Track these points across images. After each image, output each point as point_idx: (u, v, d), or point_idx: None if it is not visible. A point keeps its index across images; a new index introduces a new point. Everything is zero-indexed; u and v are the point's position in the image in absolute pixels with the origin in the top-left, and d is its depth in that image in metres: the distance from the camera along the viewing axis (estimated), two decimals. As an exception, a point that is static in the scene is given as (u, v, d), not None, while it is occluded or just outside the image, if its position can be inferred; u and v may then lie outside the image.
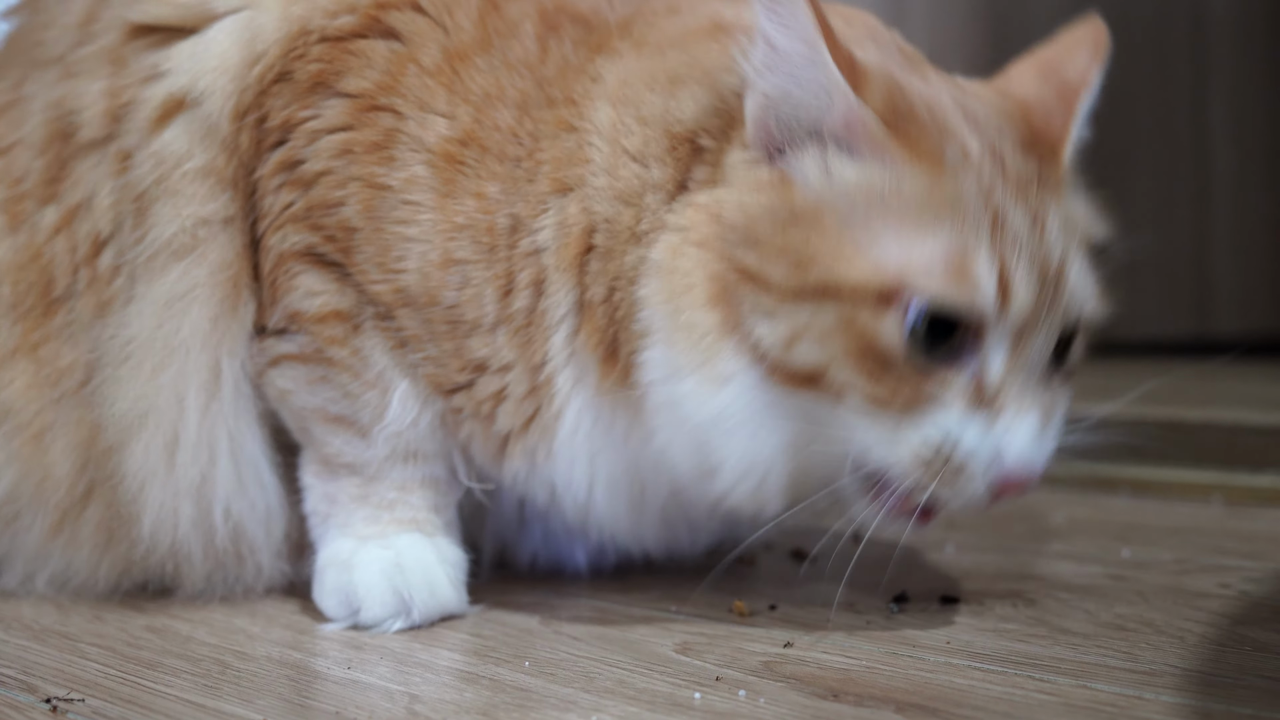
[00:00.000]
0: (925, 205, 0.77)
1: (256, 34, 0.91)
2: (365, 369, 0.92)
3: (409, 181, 0.88)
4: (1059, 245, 0.80)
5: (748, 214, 0.80)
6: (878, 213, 0.77)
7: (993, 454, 0.78)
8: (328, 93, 0.90)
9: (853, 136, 0.79)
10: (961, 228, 0.77)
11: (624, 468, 0.89)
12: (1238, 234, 2.51)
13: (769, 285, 0.78)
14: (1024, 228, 0.79)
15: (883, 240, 0.77)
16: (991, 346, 0.78)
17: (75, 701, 0.77)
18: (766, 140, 0.81)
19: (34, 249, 0.97)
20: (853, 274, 0.76)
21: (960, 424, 0.78)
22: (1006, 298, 0.77)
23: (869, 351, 0.77)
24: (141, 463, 0.92)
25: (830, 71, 0.78)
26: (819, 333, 0.77)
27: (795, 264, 0.78)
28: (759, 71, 0.80)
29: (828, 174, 0.79)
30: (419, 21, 0.90)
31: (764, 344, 0.79)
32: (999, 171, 0.79)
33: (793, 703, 0.73)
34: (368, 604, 0.90)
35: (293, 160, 0.90)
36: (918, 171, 0.78)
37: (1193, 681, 0.75)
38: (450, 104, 0.88)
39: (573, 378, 0.87)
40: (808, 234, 0.78)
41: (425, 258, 0.88)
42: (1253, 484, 1.38)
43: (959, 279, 0.76)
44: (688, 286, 0.80)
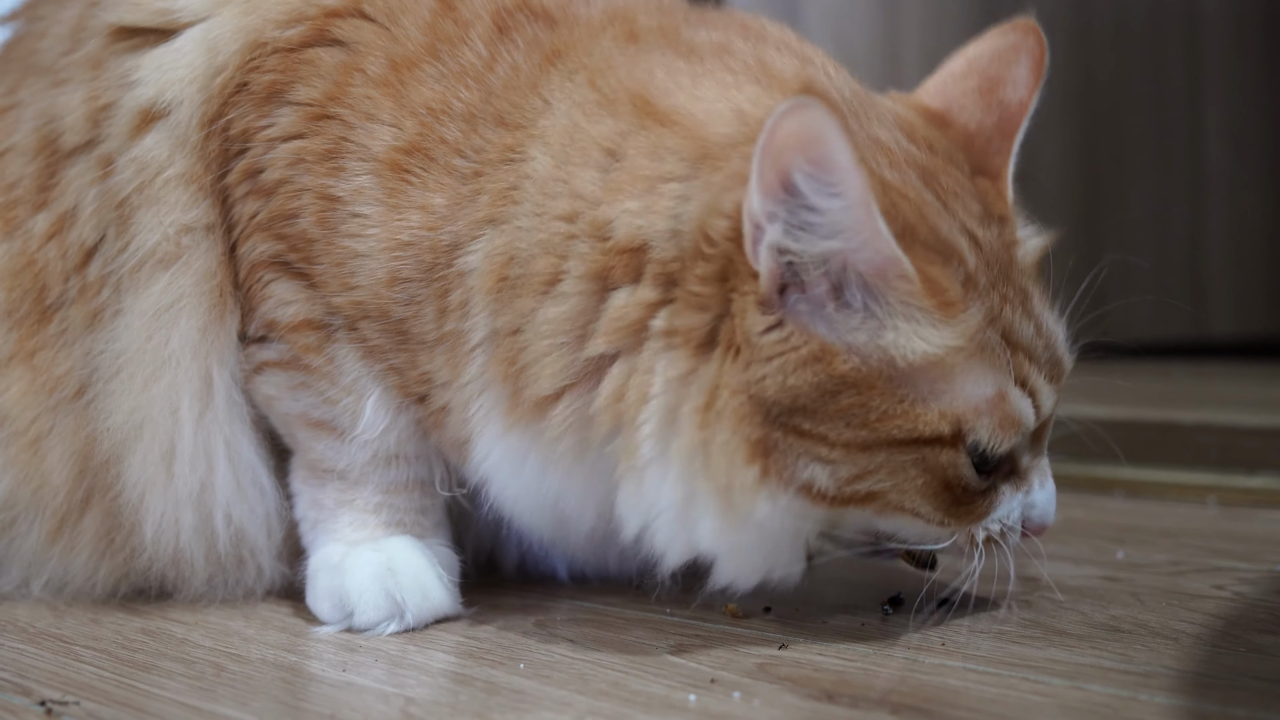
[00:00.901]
0: (960, 352, 0.78)
1: (216, 45, 0.91)
2: (340, 376, 0.92)
3: (356, 193, 0.87)
4: (1049, 327, 0.84)
5: (794, 393, 0.76)
6: (923, 368, 0.78)
7: (1025, 516, 0.86)
8: (280, 102, 0.90)
9: (882, 285, 0.76)
10: (993, 364, 0.80)
11: (541, 498, 0.87)
12: (1232, 236, 2.51)
13: (828, 441, 0.78)
14: (1028, 330, 0.82)
15: (941, 391, 0.79)
16: (1025, 445, 0.84)
17: (70, 704, 0.77)
18: (777, 283, 0.77)
19: (28, 256, 0.97)
20: (925, 427, 0.78)
21: (1011, 503, 0.85)
22: (1039, 412, 0.83)
23: (945, 482, 0.80)
24: (140, 473, 0.92)
25: (873, 222, 0.74)
26: (887, 470, 0.79)
27: (859, 424, 0.77)
28: (772, 215, 0.75)
29: (866, 340, 0.77)
30: (365, 30, 0.90)
31: (819, 484, 0.79)
32: (987, 269, 0.81)
33: (787, 705, 0.73)
34: (361, 608, 0.90)
35: (254, 169, 0.90)
36: (945, 321, 0.78)
37: (1187, 683, 0.75)
38: (396, 115, 0.87)
39: (486, 406, 0.85)
40: (864, 398, 0.77)
41: (374, 275, 0.88)
42: (1247, 485, 1.38)
43: (1006, 425, 0.80)
44: (726, 452, 0.77)
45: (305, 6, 0.91)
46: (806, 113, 0.71)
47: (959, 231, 0.81)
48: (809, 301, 0.77)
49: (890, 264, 0.76)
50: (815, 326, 0.77)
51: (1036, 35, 0.91)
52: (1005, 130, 0.89)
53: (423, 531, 0.95)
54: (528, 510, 0.89)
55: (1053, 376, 0.84)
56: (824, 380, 0.77)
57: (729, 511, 0.78)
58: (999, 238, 0.84)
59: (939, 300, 0.77)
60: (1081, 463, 1.44)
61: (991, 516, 0.84)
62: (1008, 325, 0.81)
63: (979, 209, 0.84)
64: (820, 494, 0.79)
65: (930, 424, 0.78)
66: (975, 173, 0.87)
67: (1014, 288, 0.83)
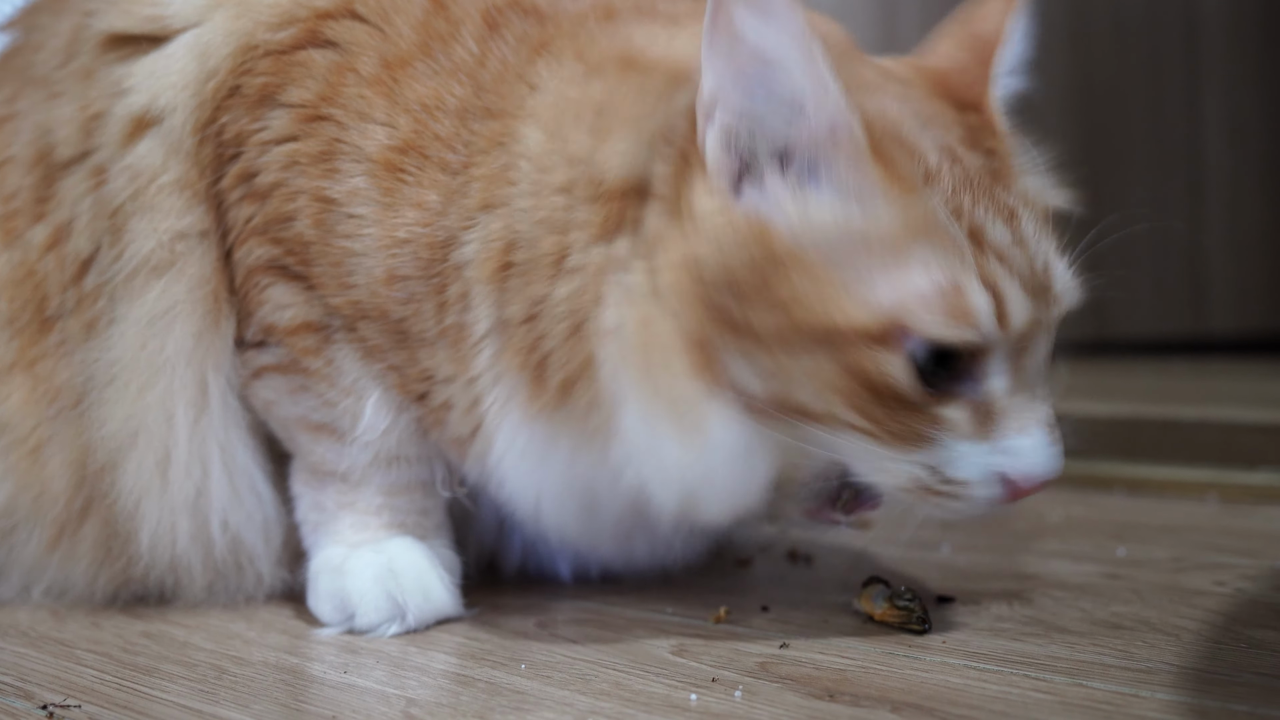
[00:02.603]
0: (907, 234, 0.74)
1: (208, 50, 0.91)
2: (339, 377, 0.92)
3: (351, 194, 0.87)
4: (1036, 244, 0.79)
5: (726, 267, 0.75)
6: (862, 248, 0.74)
7: (999, 470, 0.77)
8: (273, 105, 0.90)
9: (832, 149, 0.75)
10: (948, 254, 0.74)
11: (570, 484, 0.87)
12: (1232, 232, 2.51)
13: (758, 336, 0.75)
14: (1004, 237, 0.77)
15: (872, 278, 0.74)
16: (993, 368, 0.77)
17: (71, 708, 0.77)
18: (729, 173, 0.77)
19: (28, 266, 0.97)
20: (848, 318, 0.74)
21: (960, 448, 0.77)
22: (1005, 322, 0.75)
23: (870, 390, 0.75)
24: (135, 481, 0.92)
25: (820, 70, 0.74)
26: (816, 376, 0.75)
27: (783, 311, 0.75)
28: (723, 89, 0.76)
29: (805, 213, 0.75)
30: (357, 30, 0.90)
31: (754, 391, 0.77)
32: (962, 178, 0.77)
33: (789, 703, 0.73)
34: (362, 609, 0.90)
35: (248, 172, 0.90)
36: (893, 196, 0.75)
37: (1189, 679, 0.75)
38: (390, 113, 0.87)
39: (501, 397, 0.85)
40: (793, 278, 0.74)
41: (371, 274, 0.88)
42: (1248, 482, 1.38)
43: (957, 315, 0.74)
44: (666, 359, 0.77)
45: (296, 8, 0.91)
46: None
47: (935, 147, 0.78)
48: (758, 187, 0.77)
49: (839, 118, 0.74)
50: (758, 205, 0.76)
51: None
52: (982, 60, 0.86)
53: (424, 533, 0.95)
54: (553, 503, 0.88)
55: (1036, 296, 0.77)
56: (759, 257, 0.75)
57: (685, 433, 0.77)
58: (984, 161, 0.80)
59: (888, 172, 0.75)
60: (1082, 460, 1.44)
61: (938, 450, 0.77)
62: (977, 225, 0.76)
63: (962, 134, 0.81)
64: (760, 405, 0.76)
65: (853, 315, 0.73)
66: (961, 108, 0.84)
67: (996, 203, 0.78)
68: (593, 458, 0.83)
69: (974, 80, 0.85)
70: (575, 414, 0.82)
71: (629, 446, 0.80)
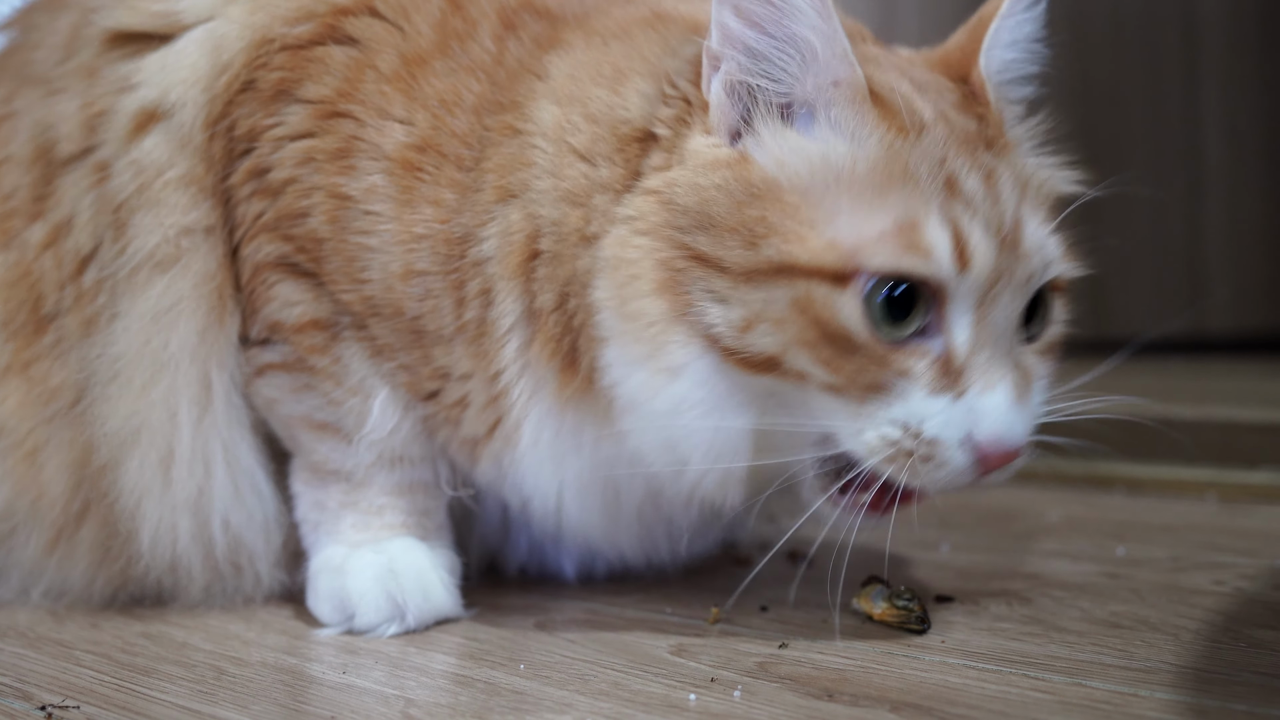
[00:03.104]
0: (882, 175, 0.76)
1: (221, 44, 0.91)
2: (346, 376, 0.91)
3: (369, 191, 0.88)
4: (1012, 203, 0.79)
5: (701, 194, 0.78)
6: (836, 186, 0.76)
7: (965, 430, 0.76)
8: (289, 100, 0.90)
9: (834, 91, 0.78)
10: (913, 196, 0.75)
11: (594, 473, 0.88)
12: (1231, 232, 2.51)
13: (722, 267, 0.76)
14: (977, 189, 0.77)
15: (838, 216, 0.75)
16: (955, 317, 0.76)
17: (70, 709, 0.77)
18: (729, 122, 0.80)
19: (24, 266, 0.97)
20: (807, 253, 0.74)
21: (927, 403, 0.75)
22: (965, 262, 0.75)
23: (827, 334, 0.75)
24: (137, 479, 0.92)
25: (835, 27, 0.76)
26: (775, 316, 0.75)
27: (749, 243, 0.76)
28: (733, 40, 0.78)
29: (792, 147, 0.78)
30: (376, 27, 0.90)
31: (717, 329, 0.77)
32: (948, 134, 0.79)
33: (788, 703, 0.73)
34: (362, 609, 0.90)
35: (260, 168, 0.90)
36: (884, 138, 0.77)
37: (1188, 678, 0.75)
38: (408, 110, 0.88)
39: (529, 389, 0.86)
40: (764, 210, 0.76)
41: (387, 269, 0.88)
42: (1247, 481, 1.38)
43: (910, 248, 0.74)
44: (633, 277, 0.79)
45: (314, 4, 0.91)
46: None
47: (929, 106, 0.80)
48: (751, 133, 0.79)
49: (844, 68, 0.77)
50: (750, 148, 0.79)
51: None
52: (975, 35, 0.87)
53: (425, 533, 0.95)
54: (576, 497, 0.89)
55: (1003, 246, 0.77)
56: (733, 183, 0.77)
57: (649, 355, 0.79)
58: (974, 125, 0.82)
59: (884, 115, 0.78)
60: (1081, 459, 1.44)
61: (895, 405, 0.76)
62: (952, 175, 0.77)
63: (955, 100, 0.83)
64: (724, 347, 0.77)
65: (812, 250, 0.74)
66: (957, 80, 0.85)
67: (976, 161, 0.79)
68: (614, 440, 0.84)
69: (967, 54, 0.87)
70: (600, 394, 0.83)
71: (614, 391, 0.81)
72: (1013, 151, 0.83)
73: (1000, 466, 0.77)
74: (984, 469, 0.77)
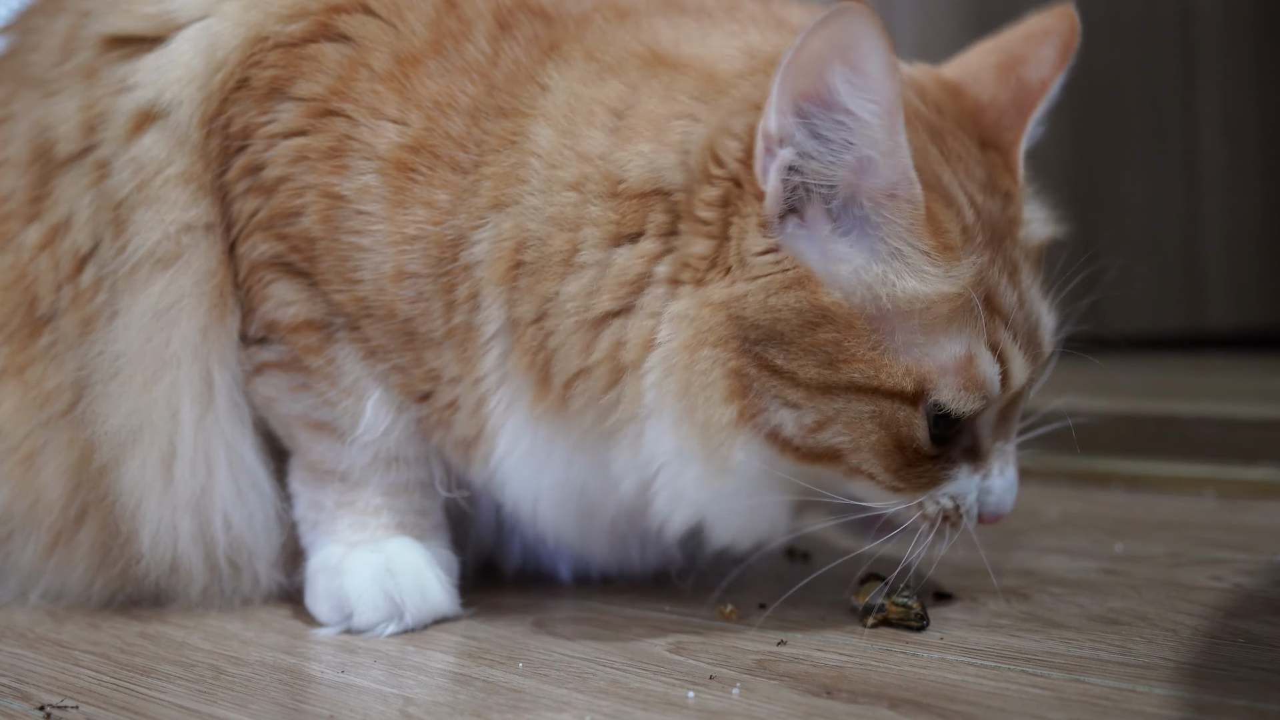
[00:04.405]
0: (944, 304, 0.78)
1: (216, 42, 0.91)
2: (340, 377, 0.91)
3: (361, 191, 0.87)
4: (1031, 296, 0.84)
5: (773, 314, 0.78)
6: (906, 313, 0.78)
7: (980, 502, 0.86)
8: (282, 98, 0.90)
9: (890, 205, 0.77)
10: (969, 324, 0.80)
11: (567, 488, 0.88)
12: (1229, 228, 2.51)
13: (796, 380, 0.79)
14: (1011, 299, 0.82)
15: (910, 343, 0.79)
16: (986, 419, 0.84)
17: (69, 709, 0.77)
18: (779, 208, 0.79)
19: (19, 269, 0.97)
20: (891, 379, 0.78)
21: (966, 482, 0.85)
22: (1006, 386, 0.82)
23: (898, 443, 0.80)
24: (138, 479, 0.92)
25: (899, 140, 0.75)
26: (849, 420, 0.79)
27: (827, 363, 0.78)
28: (793, 131, 0.77)
29: (856, 271, 0.78)
30: (370, 25, 0.90)
31: (785, 431, 0.80)
32: (985, 235, 0.81)
33: (786, 700, 0.73)
34: (360, 609, 0.90)
35: (254, 165, 0.90)
36: (940, 265, 0.78)
37: (1186, 674, 0.75)
38: (402, 109, 0.87)
39: (506, 399, 0.86)
40: (839, 335, 0.78)
41: (379, 270, 0.88)
42: (1245, 477, 1.38)
43: (971, 386, 0.80)
44: (706, 385, 0.79)
45: (308, 1, 0.90)
46: (849, 17, 0.73)
47: (965, 198, 0.81)
48: (808, 229, 0.79)
49: (903, 183, 0.76)
50: (809, 254, 0.79)
51: (1070, 20, 0.91)
52: (1021, 106, 0.89)
53: (422, 533, 0.95)
54: (551, 506, 0.89)
55: (1030, 353, 0.83)
56: (805, 307, 0.78)
57: (710, 456, 0.80)
58: (1000, 208, 0.83)
59: (939, 241, 0.78)
60: (1079, 456, 1.44)
61: (943, 489, 0.84)
62: (991, 288, 0.81)
63: (983, 176, 0.84)
64: (787, 443, 0.80)
65: (894, 376, 0.78)
66: (985, 145, 0.86)
67: (1005, 257, 0.82)
68: (588, 461, 0.85)
69: (1008, 126, 0.89)
70: (572, 415, 0.83)
71: (645, 458, 0.82)
72: (1024, 229, 0.86)
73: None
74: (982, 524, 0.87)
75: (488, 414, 0.87)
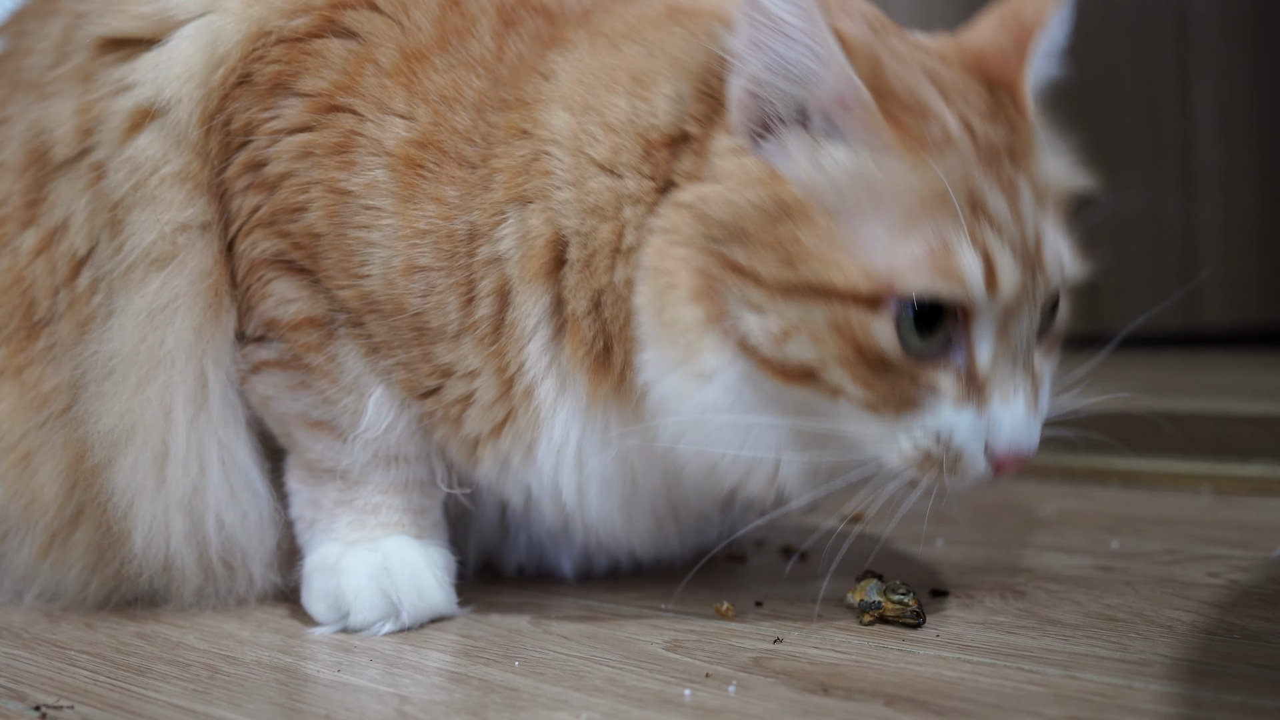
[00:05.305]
0: (911, 198, 0.77)
1: (217, 37, 0.90)
2: (341, 374, 0.91)
3: (369, 186, 0.87)
4: (1033, 218, 0.81)
5: (735, 210, 0.79)
6: (867, 208, 0.77)
7: (986, 440, 0.79)
8: (286, 93, 0.89)
9: (844, 113, 0.78)
10: (943, 219, 0.77)
11: (616, 467, 0.88)
12: (1224, 226, 2.51)
13: (758, 279, 0.78)
14: (1002, 208, 0.79)
15: (872, 240, 0.77)
16: (979, 335, 0.79)
17: (65, 709, 0.77)
18: (750, 123, 0.81)
19: (16, 272, 0.96)
20: (844, 279, 0.76)
21: (954, 417, 0.79)
22: (994, 287, 0.77)
23: (863, 355, 0.77)
24: (130, 478, 0.92)
25: (826, 41, 0.77)
26: (812, 331, 0.77)
27: (786, 260, 0.77)
28: (746, 47, 0.79)
29: (818, 166, 0.78)
30: (376, 20, 0.90)
31: (753, 338, 0.79)
32: (973, 147, 0.79)
33: (783, 698, 0.73)
34: (356, 608, 0.90)
35: (256, 161, 0.90)
36: (903, 158, 0.77)
37: (1182, 670, 0.75)
38: (409, 104, 0.87)
39: (555, 388, 0.86)
40: (798, 230, 0.77)
41: (389, 264, 0.87)
42: (1242, 474, 1.38)
43: (945, 274, 0.76)
44: (670, 285, 0.80)
45: None
46: None
47: (954, 118, 0.80)
48: (775, 138, 0.80)
49: (848, 88, 0.77)
50: (773, 156, 0.80)
51: None
52: (1020, 43, 0.87)
53: (420, 532, 0.95)
54: (599, 493, 0.89)
55: (1026, 264, 0.79)
56: (766, 201, 0.78)
57: (683, 360, 0.80)
58: (1002, 135, 0.82)
59: (901, 133, 0.78)
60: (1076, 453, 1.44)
61: (926, 417, 0.79)
62: (978, 194, 0.78)
63: (984, 106, 0.82)
64: (757, 352, 0.79)
65: (848, 276, 0.76)
66: (994, 86, 0.85)
67: (1001, 176, 0.80)
68: (640, 434, 0.85)
69: (1010, 60, 0.87)
70: (630, 391, 0.84)
71: (647, 390, 0.82)
72: (1034, 160, 0.83)
73: (1014, 470, 0.80)
74: (1000, 473, 0.80)
75: (535, 405, 0.87)
